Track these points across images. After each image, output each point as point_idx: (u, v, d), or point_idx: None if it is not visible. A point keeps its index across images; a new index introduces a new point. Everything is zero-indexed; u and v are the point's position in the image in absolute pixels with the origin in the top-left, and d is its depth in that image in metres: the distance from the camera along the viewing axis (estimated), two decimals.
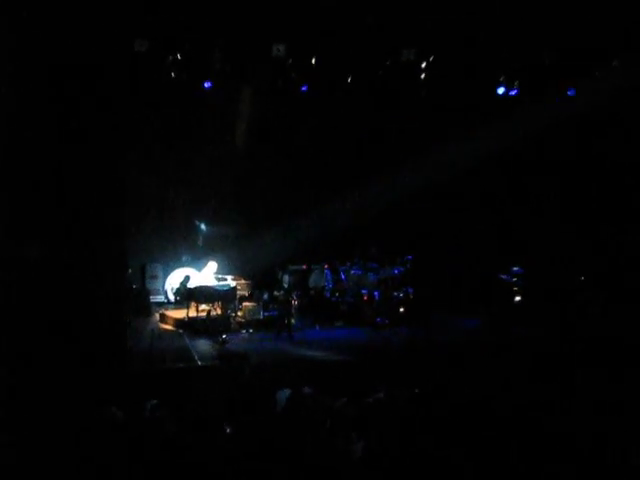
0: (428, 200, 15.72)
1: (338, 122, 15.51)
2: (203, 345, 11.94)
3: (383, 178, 15.76)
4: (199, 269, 14.38)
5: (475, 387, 8.16)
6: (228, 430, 6.54)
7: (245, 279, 14.38)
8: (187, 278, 14.13)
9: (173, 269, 15.51)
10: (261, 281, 14.72)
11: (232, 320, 13.20)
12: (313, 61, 12.78)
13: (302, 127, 15.64)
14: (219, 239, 15.66)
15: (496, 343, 11.68)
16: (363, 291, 14.19)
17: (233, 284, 13.57)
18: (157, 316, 14.15)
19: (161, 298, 15.37)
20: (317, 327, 13.47)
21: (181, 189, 15.56)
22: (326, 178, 15.87)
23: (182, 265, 15.47)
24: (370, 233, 15.48)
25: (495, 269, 14.68)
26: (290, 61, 12.70)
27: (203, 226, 15.76)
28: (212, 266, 13.80)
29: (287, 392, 7.37)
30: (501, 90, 14.09)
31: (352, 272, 14.73)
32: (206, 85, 13.29)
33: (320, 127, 15.56)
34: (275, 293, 13.94)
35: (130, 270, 13.58)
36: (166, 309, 14.51)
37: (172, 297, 15.20)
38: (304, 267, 14.92)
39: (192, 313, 13.24)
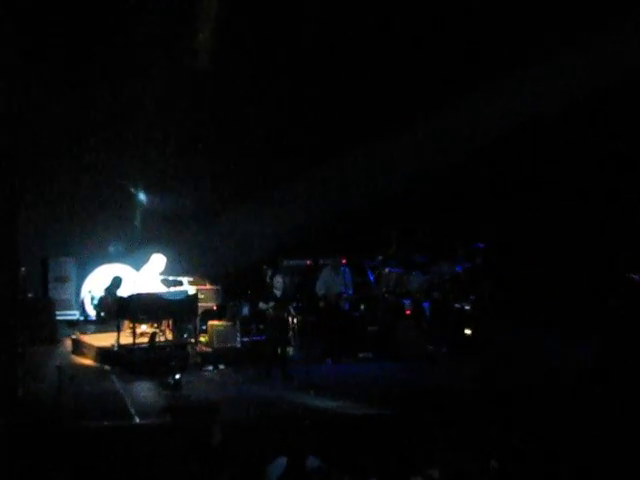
0: (507, 153, 15.73)
1: (354, 34, 15.44)
2: (144, 390, 11.98)
3: (430, 119, 15.92)
4: (137, 267, 14.38)
5: (585, 455, 8.18)
6: None
7: (211, 283, 14.47)
8: (117, 281, 14.16)
9: (94, 267, 15.64)
10: (238, 286, 14.77)
11: (191, 349, 13.25)
12: None
13: (301, 41, 15.58)
14: (168, 218, 15.81)
15: (617, 385, 11.61)
16: (405, 301, 14.23)
17: (192, 291, 13.60)
18: (68, 343, 14.21)
19: (74, 314, 15.48)
20: (329, 360, 13.55)
21: (107, 138, 15.50)
22: (340, 122, 15.92)
23: (109, 260, 15.62)
24: (414, 208, 15.57)
25: (620, 265, 14.64)
26: None
27: (143, 197, 15.87)
28: (158, 262, 13.72)
29: (282, 464, 7.42)
30: None
31: (387, 270, 14.73)
32: None
33: (328, 44, 15.51)
34: (261, 305, 13.84)
35: (23, 269, 13.54)
36: (83, 332, 14.53)
37: (92, 312, 15.27)
38: (308, 263, 15.02)
39: (126, 339, 13.21)
